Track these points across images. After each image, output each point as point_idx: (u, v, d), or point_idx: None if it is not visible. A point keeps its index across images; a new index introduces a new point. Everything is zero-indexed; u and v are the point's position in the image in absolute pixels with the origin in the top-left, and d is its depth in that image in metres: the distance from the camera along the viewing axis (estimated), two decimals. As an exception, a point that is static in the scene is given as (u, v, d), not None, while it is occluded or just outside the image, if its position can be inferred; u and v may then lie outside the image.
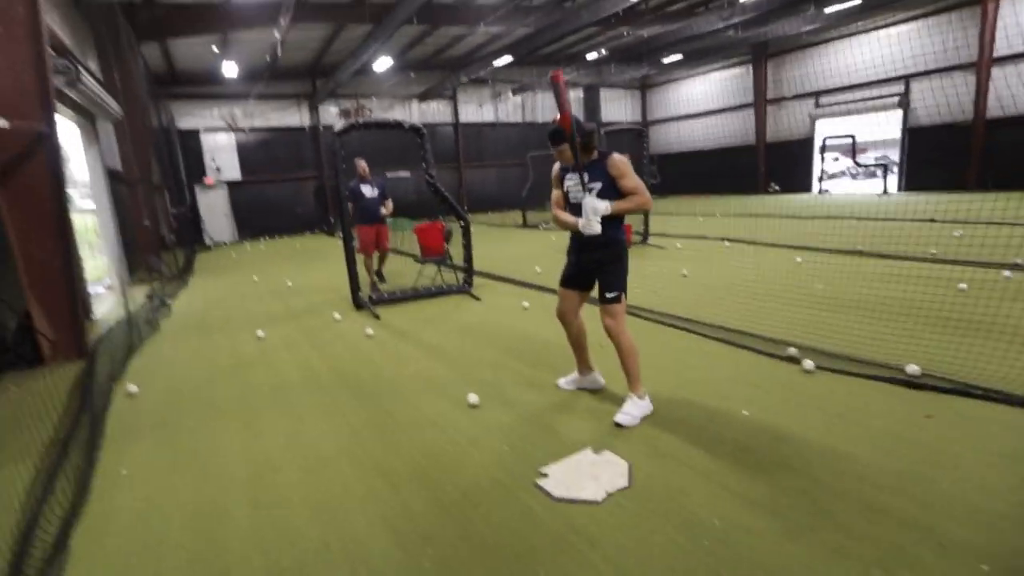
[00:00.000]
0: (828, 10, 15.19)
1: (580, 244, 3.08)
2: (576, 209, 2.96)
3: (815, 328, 4.19)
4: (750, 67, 21.30)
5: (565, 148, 2.91)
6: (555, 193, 3.13)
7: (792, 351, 3.73)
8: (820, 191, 19.65)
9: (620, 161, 2.91)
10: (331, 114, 18.13)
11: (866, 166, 19.88)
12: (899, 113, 17.74)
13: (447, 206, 6.22)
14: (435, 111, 20.26)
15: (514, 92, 21.14)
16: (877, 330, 4.05)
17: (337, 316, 5.74)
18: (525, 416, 3.10)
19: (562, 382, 3.49)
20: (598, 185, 2.89)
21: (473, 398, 3.28)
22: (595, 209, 2.81)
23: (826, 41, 18.87)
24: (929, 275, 5.78)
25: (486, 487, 2.40)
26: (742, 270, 6.58)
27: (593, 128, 3.04)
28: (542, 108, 22.42)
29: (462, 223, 6.39)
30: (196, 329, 5.78)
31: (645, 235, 9.77)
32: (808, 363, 3.50)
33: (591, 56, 18.16)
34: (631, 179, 2.89)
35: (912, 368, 3.32)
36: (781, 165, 20.75)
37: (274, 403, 3.56)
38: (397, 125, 5.75)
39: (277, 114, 17.82)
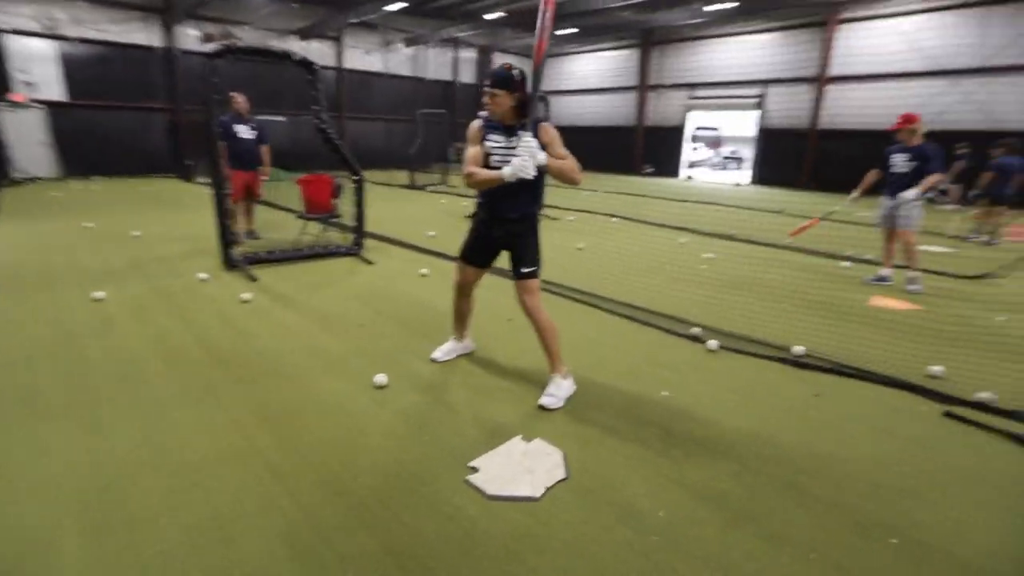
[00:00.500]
0: (707, 8, 16.24)
1: (492, 215, 2.82)
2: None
3: (708, 307, 4.42)
4: (637, 51, 22.19)
5: (503, 96, 2.61)
6: (472, 150, 2.76)
7: (696, 331, 3.87)
8: (687, 177, 21.41)
9: (552, 128, 2.70)
10: (191, 38, 15.41)
11: (727, 158, 22.04)
12: (756, 113, 19.80)
13: (339, 157, 5.52)
14: (317, 52, 18.22)
15: (406, 43, 19.79)
16: (761, 311, 4.36)
17: (203, 276, 4.86)
18: (441, 399, 2.82)
19: (438, 355, 3.28)
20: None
21: (380, 378, 2.91)
22: (533, 154, 2.48)
23: (704, 38, 20.22)
24: (791, 260, 6.46)
25: (409, 487, 2.10)
26: (633, 247, 6.81)
27: (540, 95, 2.73)
28: (434, 65, 21.32)
29: (355, 178, 5.75)
30: (3, 286, 4.54)
31: (540, 205, 9.76)
32: (712, 343, 3.65)
33: (490, 16, 17.49)
34: (561, 147, 2.68)
35: (797, 349, 3.61)
36: (655, 149, 22.10)
37: (123, 389, 2.84)
38: (284, 56, 4.89)
39: (117, 27, 14.66)
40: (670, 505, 2.04)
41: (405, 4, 14.70)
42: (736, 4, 15.89)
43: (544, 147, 2.62)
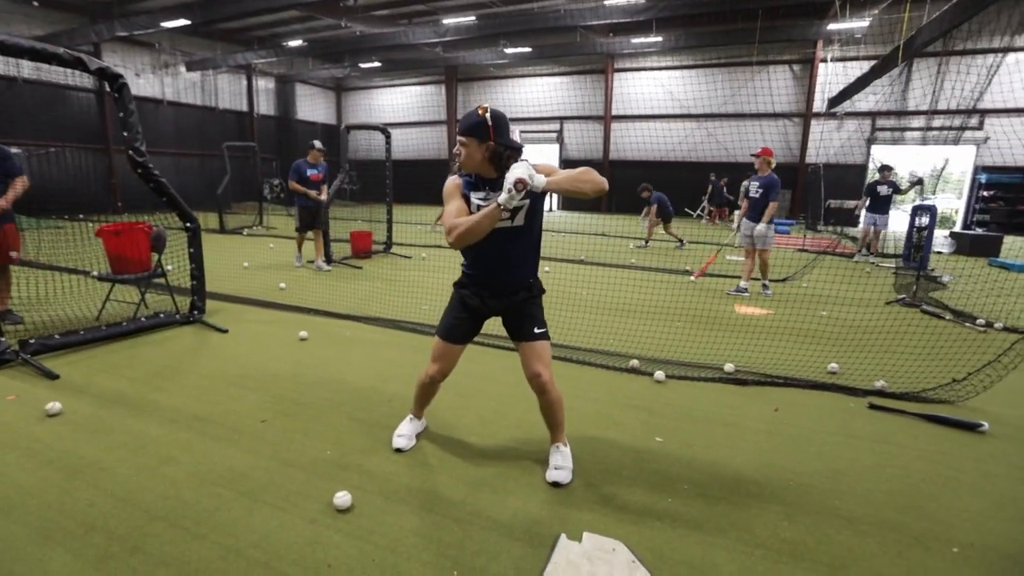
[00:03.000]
0: (508, 51, 17.51)
1: (494, 290, 2.33)
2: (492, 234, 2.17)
3: (619, 335, 4.43)
4: (443, 87, 22.78)
5: (472, 146, 2.14)
6: (452, 205, 2.22)
7: (634, 363, 3.81)
8: (506, 207, 22.55)
9: (544, 164, 2.30)
10: None
11: (536, 187, 23.85)
12: (556, 147, 21.93)
13: (166, 200, 4.24)
14: (63, 70, 14.54)
15: (189, 67, 17.03)
16: (666, 333, 4.51)
17: (-46, 387, 3.18)
18: (437, 509, 2.17)
19: (402, 442, 2.60)
20: (525, 202, 2.17)
21: (343, 498, 2.13)
22: (527, 170, 1.95)
23: (506, 77, 21.74)
24: (650, 279, 6.99)
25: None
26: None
27: (519, 145, 2.20)
28: (228, 93, 18.78)
29: (188, 225, 4.50)
30: None
31: (388, 244, 9.10)
32: (659, 374, 3.60)
33: (294, 43, 16.13)
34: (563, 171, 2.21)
35: (729, 367, 3.79)
36: (470, 181, 22.81)
37: None
38: (75, 61, 3.51)
39: None
40: (774, 578, 1.81)
41: (187, 22, 12.62)
42: (530, 49, 17.42)
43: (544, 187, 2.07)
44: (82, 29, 13.07)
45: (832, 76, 16.60)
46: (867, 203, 9.16)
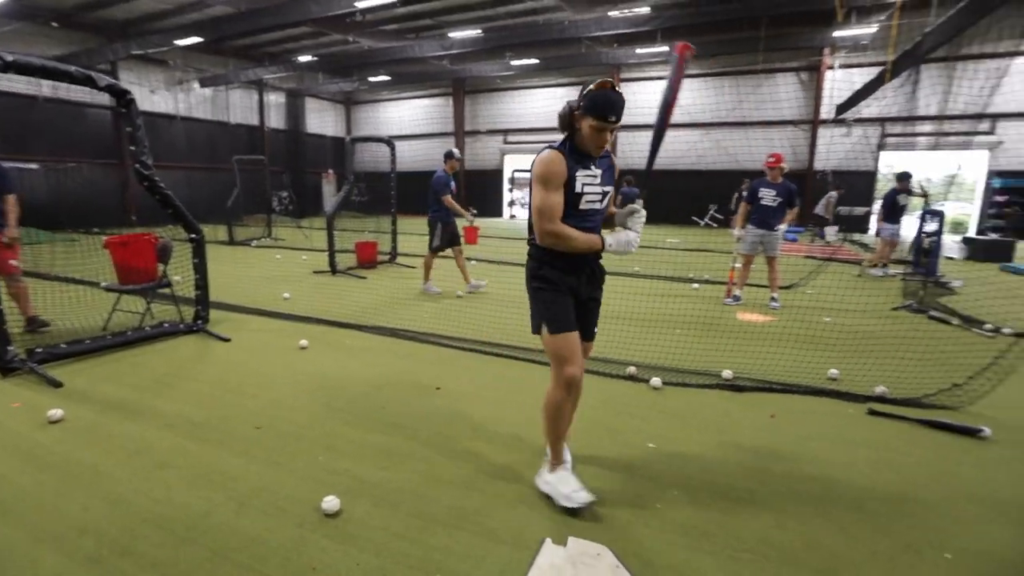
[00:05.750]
0: (514, 62, 17.69)
1: (591, 271, 2.30)
2: (588, 216, 2.16)
3: (617, 343, 4.39)
4: (450, 99, 23.01)
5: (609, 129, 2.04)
6: (554, 198, 2.05)
7: (632, 370, 3.80)
8: (511, 216, 22.63)
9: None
10: None
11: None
12: (564, 157, 22.02)
13: (172, 212, 4.34)
14: (80, 88, 14.94)
15: (202, 83, 17.41)
16: (664, 340, 4.48)
17: (-40, 394, 3.26)
18: (425, 511, 2.18)
19: (584, 495, 2.16)
20: (609, 189, 2.24)
21: (331, 502, 2.15)
22: (639, 222, 2.25)
23: (513, 88, 21.91)
24: (650, 287, 6.97)
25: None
26: (502, 287, 6.69)
27: None
28: (239, 108, 19.15)
29: (193, 236, 4.58)
30: None
31: (393, 254, 9.17)
32: (656, 380, 3.59)
33: (304, 59, 16.44)
34: None
35: (726, 373, 3.76)
36: (477, 192, 22.99)
37: None
38: (85, 79, 3.63)
39: None
40: (760, 584, 1.79)
41: (200, 40, 12.92)
42: (536, 61, 17.58)
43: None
44: (99, 49, 13.44)
45: (839, 83, 16.54)
46: (884, 214, 8.30)
